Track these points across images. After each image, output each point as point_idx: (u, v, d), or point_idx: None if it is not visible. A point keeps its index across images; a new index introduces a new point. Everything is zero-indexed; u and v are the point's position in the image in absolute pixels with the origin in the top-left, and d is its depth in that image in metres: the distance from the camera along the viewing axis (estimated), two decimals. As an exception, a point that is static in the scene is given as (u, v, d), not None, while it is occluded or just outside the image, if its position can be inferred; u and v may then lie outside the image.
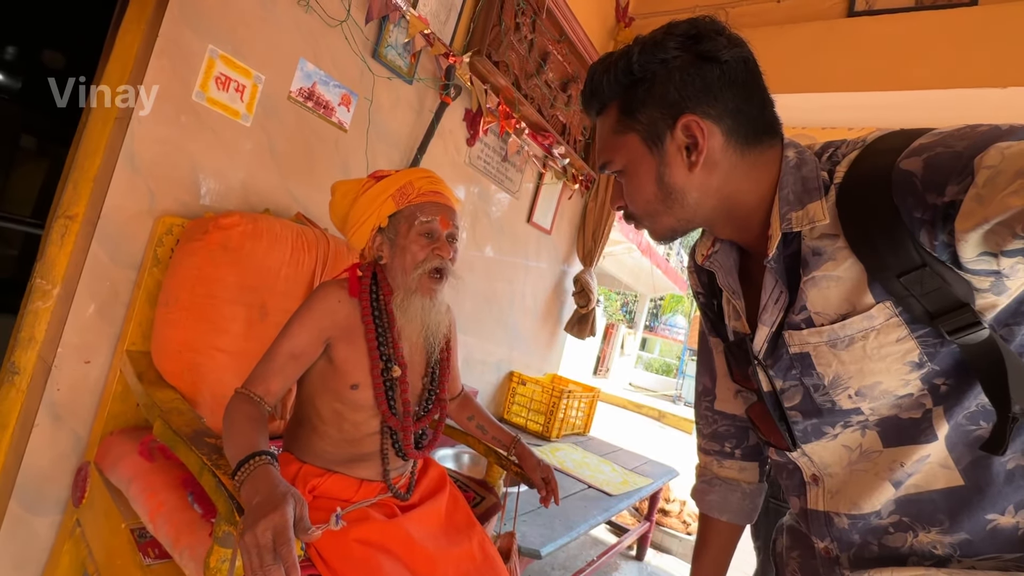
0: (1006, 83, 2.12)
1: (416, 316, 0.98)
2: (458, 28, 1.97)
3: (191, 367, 1.12)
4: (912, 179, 0.45)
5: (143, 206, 1.24)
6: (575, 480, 2.03)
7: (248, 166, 1.42)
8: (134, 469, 1.02)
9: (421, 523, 0.97)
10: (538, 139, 2.47)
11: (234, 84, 1.35)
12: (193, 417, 0.96)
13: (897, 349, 0.51)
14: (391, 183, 1.00)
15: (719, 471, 0.79)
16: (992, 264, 0.44)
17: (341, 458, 0.98)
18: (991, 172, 0.39)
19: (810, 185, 0.54)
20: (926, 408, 0.52)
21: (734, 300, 0.65)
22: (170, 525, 0.89)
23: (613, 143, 0.62)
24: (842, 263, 0.52)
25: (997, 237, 0.40)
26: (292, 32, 1.45)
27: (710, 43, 0.55)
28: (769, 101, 0.58)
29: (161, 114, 1.24)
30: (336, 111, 1.61)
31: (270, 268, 1.24)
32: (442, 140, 2.02)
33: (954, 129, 0.45)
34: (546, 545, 1.39)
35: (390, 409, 0.97)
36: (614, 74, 0.60)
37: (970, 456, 0.51)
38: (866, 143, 0.52)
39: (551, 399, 2.65)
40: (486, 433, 1.25)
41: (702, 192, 0.58)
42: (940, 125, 0.49)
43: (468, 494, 1.30)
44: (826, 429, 0.58)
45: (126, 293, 1.24)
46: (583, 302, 3.08)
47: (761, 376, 0.62)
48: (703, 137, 0.55)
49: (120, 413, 1.21)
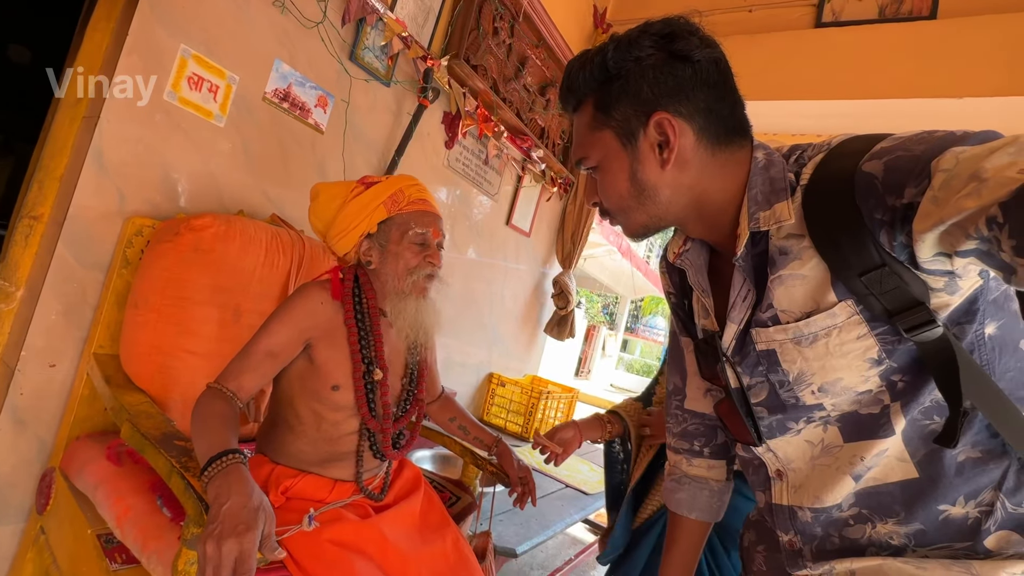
0: (962, 94, 2.22)
1: (411, 316, 0.99)
2: (436, 31, 1.98)
3: (161, 370, 1.11)
4: (873, 181, 0.46)
5: (112, 207, 1.22)
6: (552, 480, 2.05)
7: (222, 167, 1.41)
8: (101, 474, 1.00)
9: (395, 523, 0.98)
10: (517, 142, 2.50)
11: (207, 84, 1.34)
12: (162, 420, 0.95)
13: (858, 346, 0.52)
14: (383, 190, 1.00)
15: (688, 469, 0.80)
16: (946, 264, 0.45)
17: (317, 458, 0.98)
18: (947, 175, 0.41)
19: (778, 186, 0.55)
20: (884, 404, 0.53)
21: (703, 298, 0.67)
22: (138, 529, 0.87)
23: (588, 139, 0.62)
24: (807, 262, 0.53)
25: (951, 238, 0.41)
26: (267, 33, 1.44)
27: (683, 43, 0.56)
28: (740, 102, 0.60)
29: (131, 113, 1.22)
30: (312, 113, 1.60)
31: (244, 270, 1.23)
32: (420, 143, 2.03)
33: (913, 134, 0.47)
34: (522, 544, 1.40)
35: (370, 411, 0.98)
36: (590, 71, 0.60)
37: (924, 449, 0.53)
38: (831, 146, 0.54)
39: (530, 400, 2.67)
40: (468, 434, 1.26)
41: (674, 189, 0.59)
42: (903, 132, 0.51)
43: (444, 494, 1.31)
44: (790, 424, 0.60)
45: (94, 295, 1.22)
46: (562, 304, 3.11)
47: (729, 373, 0.63)
48: (675, 135, 0.56)
49: (87, 417, 1.18)
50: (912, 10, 2.42)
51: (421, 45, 1.85)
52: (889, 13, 2.47)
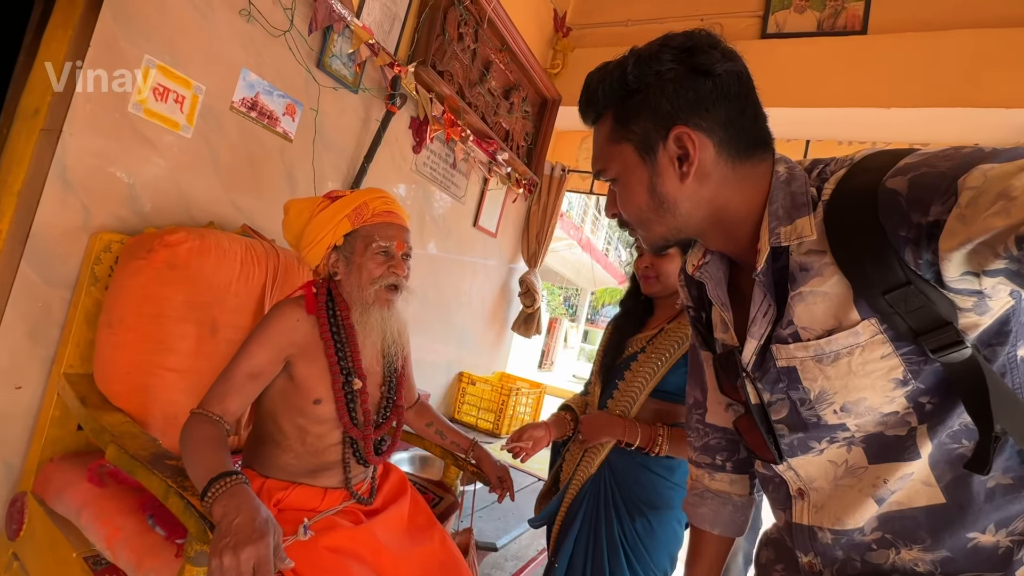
0: (890, 104, 2.44)
1: (376, 327, 1.03)
2: (402, 38, 2.00)
3: (140, 388, 1.10)
4: (897, 198, 0.45)
5: (76, 222, 1.19)
6: (526, 475, 2.14)
7: (190, 178, 1.39)
8: (83, 497, 1.00)
9: (386, 527, 1.02)
10: (482, 146, 2.54)
11: (173, 95, 1.32)
12: (148, 440, 0.95)
13: (882, 366, 0.51)
14: (346, 204, 1.03)
15: (710, 484, 0.78)
16: (974, 284, 0.44)
17: (304, 469, 1.01)
18: (974, 193, 0.40)
19: (799, 200, 0.54)
20: (911, 426, 0.52)
21: (723, 312, 0.65)
22: (130, 550, 0.88)
23: (608, 152, 0.62)
24: (828, 279, 0.52)
25: (979, 257, 0.40)
26: (233, 42, 1.42)
27: (704, 56, 0.55)
28: (761, 115, 0.58)
29: (96, 126, 1.19)
30: (281, 121, 1.59)
31: (220, 284, 1.23)
32: (389, 148, 2.04)
33: (940, 150, 0.46)
34: (501, 538, 1.47)
35: (352, 420, 1.02)
36: (609, 84, 0.60)
37: (951, 474, 0.51)
38: (854, 161, 0.53)
39: (500, 397, 2.74)
40: (445, 438, 1.32)
41: (693, 202, 0.58)
42: (838, 140, 0.54)
43: (427, 495, 1.36)
44: (812, 444, 0.58)
45: (60, 313, 1.19)
46: (529, 302, 3.19)
47: (749, 388, 0.61)
48: (694, 149, 0.55)
49: (59, 439, 1.16)
50: (846, 25, 2.62)
51: (388, 52, 1.86)
52: (826, 27, 2.67)
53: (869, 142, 2.82)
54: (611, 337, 1.28)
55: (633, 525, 1.15)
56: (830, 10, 2.67)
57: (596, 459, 1.18)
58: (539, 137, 3.08)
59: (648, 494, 1.14)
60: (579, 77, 2.71)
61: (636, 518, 1.15)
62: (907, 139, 2.73)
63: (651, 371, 1.16)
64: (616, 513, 1.16)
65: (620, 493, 1.17)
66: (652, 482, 1.15)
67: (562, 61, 3.21)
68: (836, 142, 2.87)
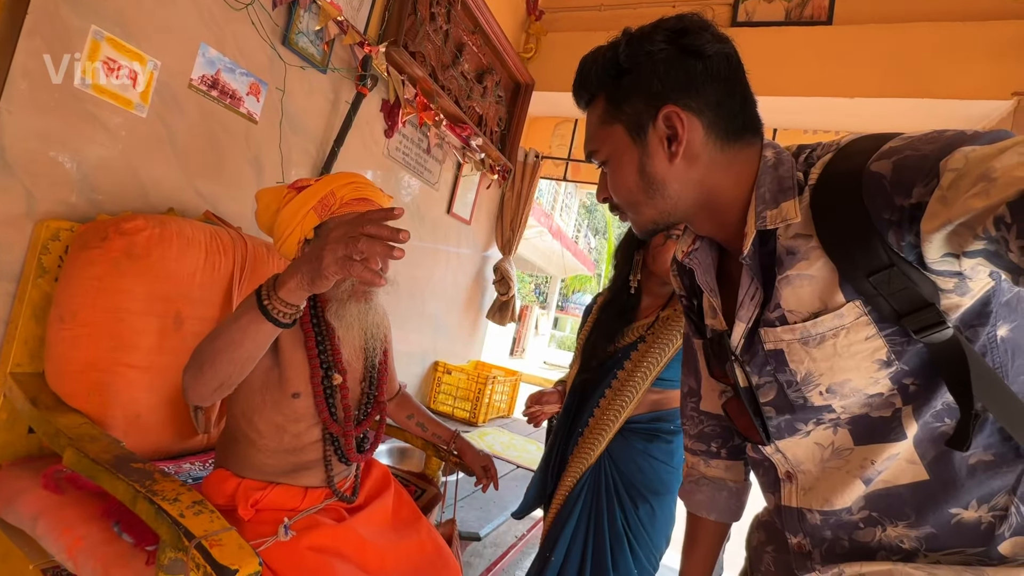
0: (853, 94, 2.51)
1: (354, 322, 0.98)
2: (372, 16, 1.91)
3: (98, 387, 1.03)
4: (881, 181, 0.46)
5: (19, 209, 1.09)
6: (505, 462, 2.14)
7: (146, 162, 1.29)
8: (39, 504, 0.92)
9: (370, 523, 1.00)
10: (456, 130, 2.48)
11: (125, 70, 1.22)
12: (110, 442, 0.89)
13: (866, 347, 0.51)
14: (311, 195, 0.96)
15: (706, 471, 0.79)
16: (955, 265, 0.44)
17: (282, 469, 0.96)
18: (955, 175, 0.40)
19: (785, 184, 0.55)
20: (896, 407, 0.53)
21: (711, 297, 0.66)
22: (95, 560, 0.82)
23: (599, 133, 0.62)
24: (815, 263, 0.52)
25: (959, 238, 0.41)
26: (191, 14, 1.33)
27: (695, 38, 0.55)
28: (750, 99, 0.59)
29: (37, 103, 1.09)
30: (244, 101, 1.50)
31: (183, 275, 1.15)
32: (359, 132, 1.96)
33: (924, 133, 0.47)
34: (484, 527, 1.47)
35: (331, 416, 0.98)
36: (602, 65, 0.60)
37: (934, 451, 0.52)
38: (840, 146, 0.53)
39: (476, 386, 2.72)
40: (426, 430, 1.29)
41: (682, 183, 0.59)
42: (803, 128, 0.56)
43: (410, 488, 1.33)
44: (799, 426, 0.59)
45: (4, 309, 1.09)
46: (504, 290, 3.17)
47: (738, 372, 0.62)
48: (683, 128, 0.56)
49: (7, 443, 1.07)
50: (813, 15, 2.68)
51: (358, 30, 1.78)
52: (794, 16, 2.72)
53: (834, 131, 2.90)
54: (597, 327, 1.27)
55: (636, 512, 1.15)
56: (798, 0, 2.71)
57: (595, 451, 1.18)
58: (512, 122, 3.04)
59: (650, 480, 1.15)
60: (552, 62, 2.73)
61: (639, 504, 1.15)
62: (870, 128, 2.82)
63: (655, 360, 1.15)
64: (619, 501, 1.16)
65: (622, 480, 1.17)
66: (654, 468, 1.16)
67: (535, 45, 3.17)
68: (802, 131, 2.94)
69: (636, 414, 1.17)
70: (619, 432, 1.16)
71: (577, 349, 1.33)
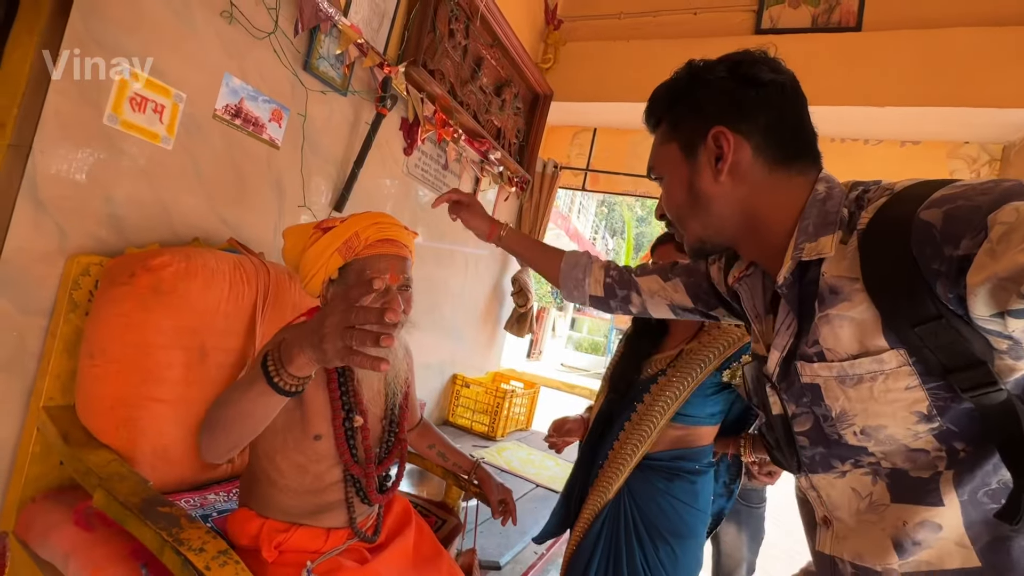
0: (883, 102, 2.43)
1: None
2: (391, 36, 1.92)
3: (126, 422, 1.05)
4: (931, 230, 0.45)
5: (51, 245, 1.12)
6: (524, 480, 2.12)
7: (172, 193, 1.31)
8: (71, 542, 0.94)
9: (392, 563, 0.99)
10: (474, 145, 2.48)
11: (151, 104, 1.24)
12: (138, 482, 0.90)
13: (905, 397, 0.50)
14: (336, 237, 0.97)
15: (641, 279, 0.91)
16: (1001, 326, 0.43)
17: (305, 510, 0.96)
18: (1005, 228, 0.40)
19: (829, 219, 0.55)
20: (937, 470, 0.51)
21: (755, 323, 0.68)
22: (123, 603, 0.84)
23: (659, 152, 0.67)
24: (857, 305, 0.52)
25: (1004, 294, 0.40)
26: (215, 46, 1.34)
27: (751, 67, 0.59)
28: (807, 128, 0.60)
29: (69, 140, 1.11)
30: (267, 128, 1.52)
31: (208, 307, 1.16)
32: (379, 151, 1.97)
33: (979, 182, 0.46)
34: (504, 555, 1.46)
35: (352, 457, 0.97)
36: (667, 90, 0.65)
37: (988, 536, 0.49)
38: (894, 191, 0.53)
39: (494, 400, 2.72)
40: (447, 460, 1.28)
41: (725, 201, 0.61)
42: (831, 137, 0.56)
43: (430, 519, 1.33)
44: (835, 463, 0.58)
45: (36, 343, 1.12)
46: (521, 301, 3.16)
47: (772, 398, 0.63)
48: (729, 148, 0.59)
49: (40, 475, 1.10)
50: (840, 21, 2.60)
51: (377, 51, 1.78)
52: (821, 23, 2.64)
53: (861, 140, 2.82)
54: (625, 356, 1.25)
55: (657, 553, 1.12)
56: (825, 5, 2.64)
57: (614, 484, 1.15)
58: (531, 133, 3.02)
59: (672, 522, 1.12)
60: (571, 71, 2.70)
61: (660, 546, 1.13)
62: (900, 137, 2.73)
63: (673, 395, 1.12)
64: (639, 541, 1.13)
65: (643, 520, 1.14)
66: (676, 509, 1.12)
67: (553, 55, 3.14)
68: (829, 139, 2.86)
69: (657, 451, 1.14)
70: (640, 468, 1.14)
71: (605, 377, 1.31)
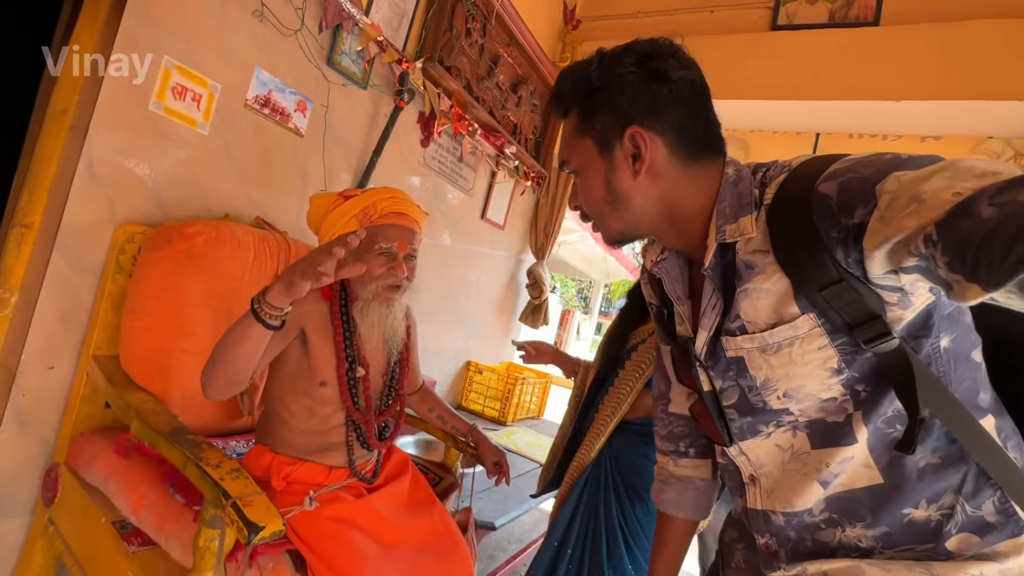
0: (900, 97, 2.41)
1: (375, 322, 1.09)
2: (410, 34, 2.04)
3: (161, 370, 1.19)
4: (828, 201, 0.50)
5: (103, 215, 1.28)
6: (528, 460, 2.20)
7: (207, 173, 1.46)
8: (111, 467, 1.09)
9: (386, 501, 1.10)
10: (490, 139, 2.58)
11: (191, 93, 1.39)
12: (169, 416, 1.04)
13: (819, 356, 0.55)
14: (355, 204, 1.09)
15: (675, 470, 0.83)
16: (896, 280, 0.47)
17: (310, 448, 1.08)
18: (891, 197, 0.44)
19: (744, 200, 0.58)
20: (848, 412, 0.56)
21: (679, 306, 0.70)
22: (154, 515, 0.97)
23: (571, 144, 0.67)
24: (771, 276, 0.56)
25: (897, 255, 0.44)
26: (247, 42, 1.49)
27: (662, 63, 0.60)
28: (713, 121, 0.63)
29: (119, 124, 1.27)
30: (292, 117, 1.66)
31: (234, 274, 1.30)
32: (397, 143, 2.10)
33: (864, 156, 0.50)
34: (500, 518, 1.54)
35: (354, 404, 1.09)
36: (576, 81, 0.65)
37: (887, 456, 0.55)
38: (792, 167, 0.57)
39: (506, 386, 2.80)
40: (445, 423, 1.38)
41: (645, 198, 0.63)
42: (848, 132, 0.58)
43: (428, 475, 1.43)
44: (760, 427, 0.62)
45: (88, 300, 1.28)
46: (536, 294, 3.24)
47: (702, 376, 0.66)
48: (646, 148, 0.60)
49: (88, 415, 1.25)
50: (858, 16, 2.59)
51: (396, 48, 1.91)
52: (838, 18, 2.64)
53: (880, 135, 2.79)
54: (615, 327, 1.34)
55: (632, 509, 1.21)
56: (842, 0, 2.63)
57: (595, 446, 1.24)
58: (547, 130, 3.11)
59: (646, 480, 1.20)
60: None
61: (635, 503, 1.21)
62: (919, 132, 2.69)
63: (648, 361, 1.20)
64: (617, 498, 1.22)
65: (621, 479, 1.23)
66: (650, 469, 1.19)
67: (571, 54, 3.22)
68: (847, 135, 2.84)
69: (633, 417, 1.22)
70: (620, 432, 1.21)
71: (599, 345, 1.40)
